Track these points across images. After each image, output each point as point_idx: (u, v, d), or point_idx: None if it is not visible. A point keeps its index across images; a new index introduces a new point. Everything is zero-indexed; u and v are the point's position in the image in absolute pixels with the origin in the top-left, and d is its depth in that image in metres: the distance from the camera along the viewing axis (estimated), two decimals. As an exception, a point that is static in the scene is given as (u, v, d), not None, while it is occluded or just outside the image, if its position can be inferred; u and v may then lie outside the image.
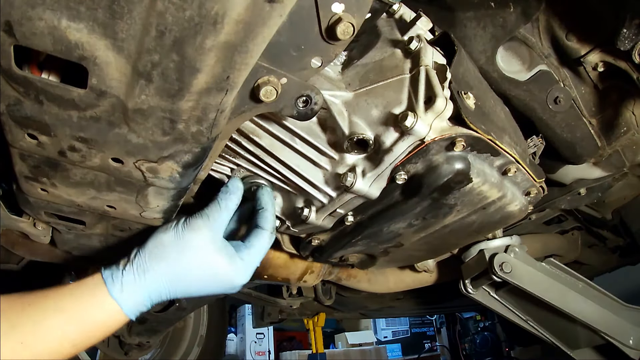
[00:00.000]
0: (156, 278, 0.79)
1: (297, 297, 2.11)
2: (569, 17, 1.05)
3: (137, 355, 2.23)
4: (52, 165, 0.75)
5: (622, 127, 1.23)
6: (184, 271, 0.80)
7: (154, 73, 0.57)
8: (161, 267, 0.79)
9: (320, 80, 0.84)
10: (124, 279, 0.78)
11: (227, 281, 0.83)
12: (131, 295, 0.77)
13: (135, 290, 0.77)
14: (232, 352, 5.19)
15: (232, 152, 0.94)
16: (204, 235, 0.81)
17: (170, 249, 0.80)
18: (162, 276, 0.79)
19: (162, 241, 0.82)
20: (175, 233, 0.82)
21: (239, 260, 0.83)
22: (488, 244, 1.43)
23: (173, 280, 0.80)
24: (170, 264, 0.80)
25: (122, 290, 0.76)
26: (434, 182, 0.80)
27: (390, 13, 0.94)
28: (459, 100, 0.76)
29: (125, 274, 0.78)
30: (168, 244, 0.81)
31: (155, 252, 0.81)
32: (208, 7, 0.51)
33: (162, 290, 0.80)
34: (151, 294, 0.79)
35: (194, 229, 0.82)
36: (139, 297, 0.78)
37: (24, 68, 0.60)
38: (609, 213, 1.63)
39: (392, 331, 6.24)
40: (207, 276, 0.82)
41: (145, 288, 0.78)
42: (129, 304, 0.77)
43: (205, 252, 0.81)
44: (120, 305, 0.76)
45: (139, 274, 0.78)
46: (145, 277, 0.78)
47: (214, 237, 0.82)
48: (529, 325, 1.61)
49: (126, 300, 0.77)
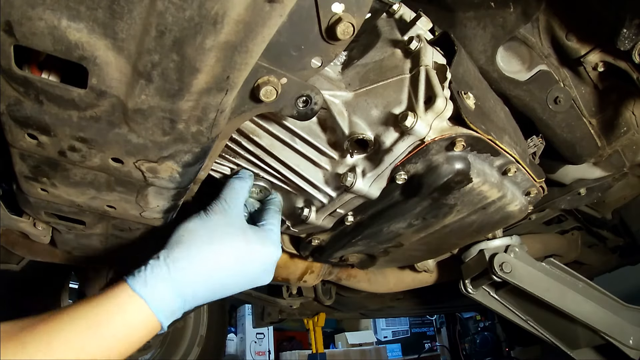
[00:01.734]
0: (188, 267, 0.69)
1: (297, 297, 2.11)
2: (569, 17, 1.05)
3: (137, 355, 2.22)
4: (52, 165, 0.75)
5: (622, 127, 1.23)
6: (222, 255, 0.73)
7: (154, 73, 0.57)
8: (192, 253, 0.71)
9: (320, 80, 0.84)
10: (148, 272, 0.67)
11: (264, 259, 0.77)
12: (158, 290, 0.66)
13: (163, 285, 0.67)
14: (232, 352, 5.19)
15: (232, 152, 0.94)
16: (231, 217, 0.79)
17: (201, 234, 0.74)
18: (196, 264, 0.70)
19: (187, 228, 0.75)
20: (200, 219, 0.77)
21: (267, 237, 0.80)
22: (488, 244, 1.43)
23: (210, 268, 0.71)
24: (203, 248, 0.72)
25: (145, 284, 0.66)
26: (434, 182, 0.80)
27: (390, 13, 0.94)
28: (459, 100, 0.76)
29: (150, 268, 0.68)
30: (195, 230, 0.75)
31: (182, 240, 0.73)
32: (208, 7, 0.51)
33: (196, 284, 0.70)
34: (182, 289, 0.68)
35: (218, 212, 0.79)
36: (167, 292, 0.67)
37: (24, 68, 0.60)
38: (609, 213, 1.64)
39: (392, 331, 6.24)
40: (245, 257, 0.75)
41: (174, 281, 0.68)
42: (157, 301, 0.66)
43: (237, 232, 0.76)
44: (146, 300, 0.65)
45: (167, 265, 0.69)
46: (175, 268, 0.68)
47: (240, 218, 0.80)
48: (529, 325, 1.61)
49: (153, 295, 0.65)
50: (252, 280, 0.79)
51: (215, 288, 0.74)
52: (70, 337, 0.60)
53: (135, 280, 0.67)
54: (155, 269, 0.69)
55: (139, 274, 0.68)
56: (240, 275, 0.76)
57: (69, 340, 0.60)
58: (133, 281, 0.67)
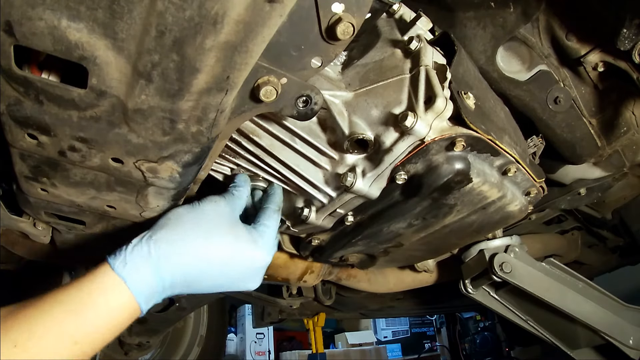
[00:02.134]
0: (170, 251, 0.67)
1: (297, 297, 2.11)
2: (569, 17, 1.05)
3: (137, 355, 2.23)
4: (52, 165, 0.75)
5: (622, 127, 1.23)
6: (205, 245, 0.70)
7: (154, 73, 0.57)
8: (175, 237, 0.69)
9: (320, 80, 0.84)
10: (127, 252, 0.66)
11: (251, 260, 0.74)
12: (139, 271, 0.65)
13: (144, 265, 0.65)
14: (232, 352, 5.18)
15: (232, 152, 0.94)
16: (221, 210, 0.76)
17: (188, 220, 0.72)
18: (178, 249, 0.68)
19: (176, 212, 0.74)
20: (191, 206, 0.76)
21: (259, 237, 0.77)
22: (488, 244, 1.43)
23: (191, 256, 0.69)
24: (188, 234, 0.70)
25: (125, 263, 0.65)
26: (434, 182, 0.80)
27: (390, 13, 0.94)
28: (459, 100, 0.76)
29: (130, 247, 0.67)
30: (184, 214, 0.73)
31: (168, 223, 0.72)
32: (208, 7, 0.51)
33: (177, 270, 0.68)
34: (163, 273, 0.66)
35: (213, 201, 0.77)
36: (147, 274, 0.66)
37: (24, 68, 0.60)
38: (609, 213, 1.63)
39: (392, 331, 6.24)
40: (230, 253, 0.72)
41: (154, 263, 0.66)
42: (136, 282, 0.64)
43: (226, 225, 0.73)
44: (126, 280, 0.64)
45: (148, 245, 0.67)
46: (156, 249, 0.67)
47: (233, 214, 0.78)
48: (529, 325, 1.61)
49: (132, 275, 0.64)
50: (235, 281, 0.76)
51: (194, 279, 0.71)
52: (52, 322, 0.60)
53: (115, 259, 0.66)
54: (135, 248, 0.67)
55: (120, 253, 0.67)
56: (223, 273, 0.73)
57: (51, 325, 0.60)
58: (113, 260, 0.66)
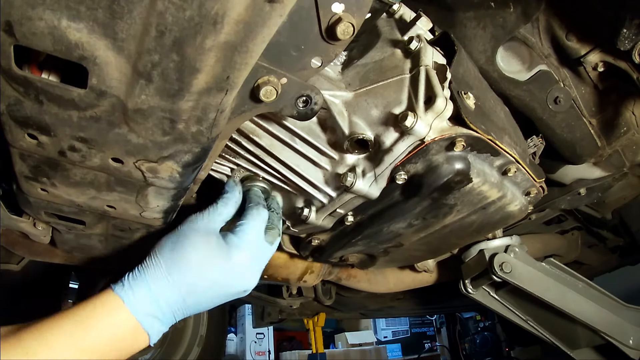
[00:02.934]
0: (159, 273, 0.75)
1: (297, 297, 2.11)
2: (569, 17, 1.05)
3: (137, 355, 2.22)
4: (52, 165, 0.75)
5: (622, 127, 1.23)
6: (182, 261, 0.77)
7: (154, 73, 0.57)
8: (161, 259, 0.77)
9: (320, 80, 0.84)
10: (129, 277, 0.75)
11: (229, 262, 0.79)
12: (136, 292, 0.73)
13: (139, 287, 0.74)
14: (232, 352, 5.19)
15: (232, 152, 0.94)
16: (197, 225, 0.81)
17: (166, 241, 0.80)
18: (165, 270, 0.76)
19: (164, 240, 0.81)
20: (176, 230, 0.82)
21: (234, 237, 0.81)
22: (488, 244, 1.43)
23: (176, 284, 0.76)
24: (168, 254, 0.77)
25: (122, 285, 0.74)
26: (434, 182, 0.80)
27: (390, 13, 0.94)
28: (459, 100, 0.76)
29: (131, 274, 0.76)
30: (166, 240, 0.81)
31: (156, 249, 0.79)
32: (208, 7, 0.51)
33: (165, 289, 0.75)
34: (155, 293, 0.74)
35: (189, 220, 0.83)
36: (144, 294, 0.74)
37: (24, 68, 0.60)
38: (609, 213, 1.64)
39: (392, 331, 6.24)
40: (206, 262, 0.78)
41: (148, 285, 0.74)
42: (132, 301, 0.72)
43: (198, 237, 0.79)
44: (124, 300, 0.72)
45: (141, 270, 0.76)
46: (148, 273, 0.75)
47: (207, 227, 0.82)
48: (529, 325, 1.61)
49: (130, 296, 0.72)
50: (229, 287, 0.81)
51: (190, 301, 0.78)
52: (60, 331, 0.65)
53: (118, 284, 0.75)
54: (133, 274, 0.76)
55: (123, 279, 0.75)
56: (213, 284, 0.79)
57: (59, 334, 0.64)
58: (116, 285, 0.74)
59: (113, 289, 0.74)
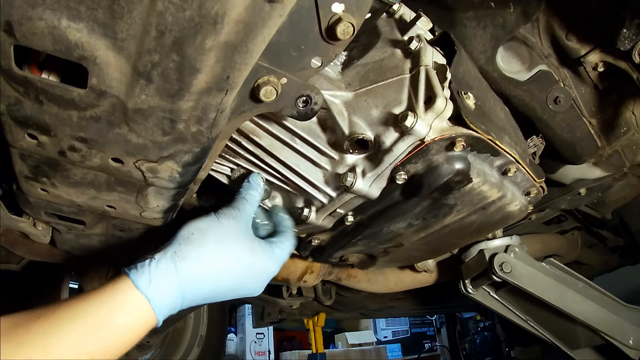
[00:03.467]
0: (197, 268, 0.69)
1: (297, 297, 2.11)
2: (569, 17, 1.05)
3: (137, 355, 2.22)
4: (52, 165, 0.75)
5: (622, 127, 1.23)
6: (226, 260, 0.73)
7: (154, 73, 0.57)
8: (202, 254, 0.70)
9: (320, 80, 0.84)
10: (152, 268, 0.66)
11: (264, 274, 0.80)
12: (163, 289, 0.65)
13: (168, 283, 0.66)
14: (232, 352, 5.18)
15: (232, 152, 0.94)
16: (241, 226, 0.79)
17: (211, 235, 0.74)
18: (205, 266, 0.70)
19: (199, 227, 0.74)
20: (212, 220, 0.77)
21: (272, 252, 0.82)
22: (488, 244, 1.43)
23: (217, 272, 0.71)
24: (213, 250, 0.72)
25: (149, 281, 0.65)
26: (434, 182, 0.80)
27: (390, 13, 0.94)
28: (459, 100, 0.76)
29: (155, 263, 0.66)
30: (207, 231, 0.74)
31: (192, 238, 0.72)
32: (208, 7, 0.51)
33: (201, 286, 0.70)
34: (187, 289, 0.67)
35: (231, 217, 0.79)
36: (171, 291, 0.66)
37: (24, 68, 0.60)
38: (609, 213, 1.64)
39: (392, 331, 6.24)
40: (250, 267, 0.77)
41: (180, 280, 0.67)
42: (158, 299, 0.64)
43: (246, 241, 0.78)
44: (150, 300, 0.64)
45: (174, 262, 0.67)
46: (182, 266, 0.67)
47: (248, 229, 0.81)
48: (529, 325, 1.61)
49: (156, 295, 0.64)
50: (249, 290, 0.80)
51: (215, 291, 0.74)
52: (70, 338, 0.58)
53: (139, 275, 0.65)
54: (160, 264, 0.67)
55: (142, 269, 0.66)
56: (241, 284, 0.77)
57: (68, 340, 0.58)
58: (136, 276, 0.65)
59: (135, 283, 0.65)
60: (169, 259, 0.68)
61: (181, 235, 0.73)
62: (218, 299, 0.76)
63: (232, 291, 0.77)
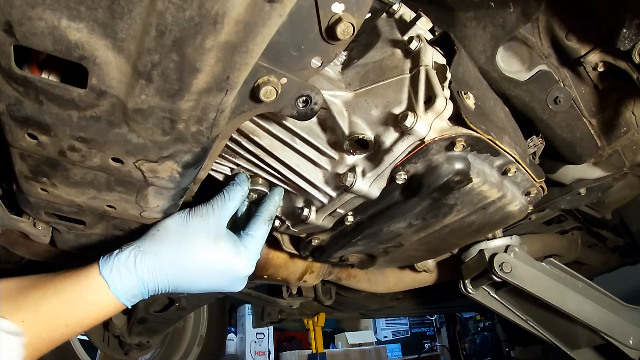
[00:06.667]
0: (154, 262, 0.76)
1: (297, 297, 2.11)
2: (569, 17, 1.05)
3: (137, 355, 2.23)
4: (52, 165, 0.75)
5: (622, 127, 1.23)
6: (187, 258, 0.77)
7: (154, 73, 0.57)
8: (160, 249, 0.76)
9: (320, 80, 0.84)
10: (116, 258, 0.75)
11: (232, 270, 0.81)
12: (122, 277, 0.74)
13: (127, 272, 0.75)
14: (232, 352, 5.18)
15: (232, 152, 0.94)
16: (208, 223, 0.81)
17: (173, 233, 0.78)
18: (161, 261, 0.76)
19: (165, 225, 0.80)
20: (180, 218, 0.81)
21: (243, 248, 0.82)
22: (488, 244, 1.43)
23: (174, 267, 0.77)
24: (171, 247, 0.77)
25: (111, 269, 0.74)
26: (434, 182, 0.80)
27: (390, 13, 0.94)
28: (459, 100, 0.76)
29: (119, 254, 0.76)
30: (171, 228, 0.79)
31: (156, 235, 0.79)
32: (208, 7, 0.51)
33: (160, 278, 0.76)
34: (146, 279, 0.76)
35: (199, 215, 0.82)
36: (130, 280, 0.75)
37: (24, 68, 0.60)
38: (609, 213, 1.64)
39: (392, 331, 6.24)
40: (211, 264, 0.79)
41: (138, 271, 0.75)
42: (118, 286, 0.74)
43: (210, 238, 0.79)
44: (109, 284, 0.74)
45: (134, 255, 0.76)
46: (141, 260, 0.75)
47: (219, 225, 0.82)
48: (529, 325, 1.61)
49: (115, 280, 0.74)
50: (218, 287, 0.83)
51: (175, 285, 0.80)
52: (52, 309, 0.72)
53: (105, 263, 0.76)
54: (122, 256, 0.76)
55: (110, 258, 0.76)
56: (206, 281, 0.81)
57: (50, 311, 0.72)
58: (103, 263, 0.76)
59: (100, 269, 0.75)
60: (130, 252, 0.77)
61: (149, 231, 0.81)
62: (185, 291, 0.82)
63: (196, 286, 0.81)
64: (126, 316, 1.99)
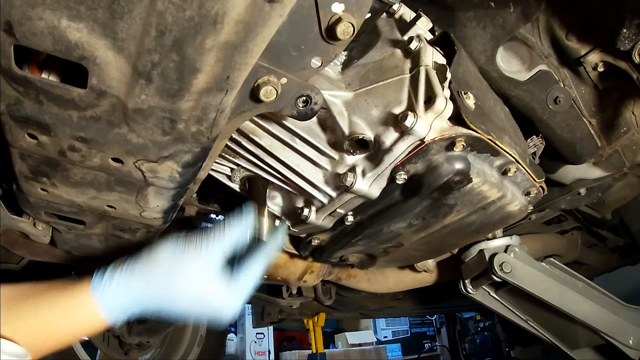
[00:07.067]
0: (142, 290, 0.77)
1: (297, 297, 2.11)
2: (569, 17, 1.05)
3: (137, 355, 2.23)
4: (52, 165, 0.75)
5: (622, 127, 1.23)
6: (175, 290, 0.78)
7: (154, 73, 0.57)
8: (151, 278, 0.78)
9: (320, 80, 0.84)
10: (108, 278, 0.77)
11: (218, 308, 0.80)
12: (112, 299, 0.76)
13: (116, 294, 0.76)
14: (232, 352, 5.19)
15: (232, 152, 0.94)
16: (201, 255, 0.79)
17: (164, 262, 0.78)
18: (150, 289, 0.77)
19: (157, 251, 0.79)
20: (173, 251, 0.79)
21: (233, 289, 0.80)
22: (488, 244, 1.43)
23: (161, 297, 0.78)
24: (162, 276, 0.78)
25: (103, 291, 0.76)
26: (434, 182, 0.80)
27: (390, 13, 0.94)
28: (459, 100, 0.76)
29: (111, 274, 0.77)
30: (162, 256, 0.79)
31: (147, 263, 0.79)
32: (208, 7, 0.51)
33: (147, 304, 0.78)
34: (133, 303, 0.77)
35: (193, 244, 0.79)
36: (119, 302, 0.76)
37: (24, 68, 0.60)
38: (609, 213, 1.63)
39: (392, 331, 6.24)
40: (198, 301, 0.80)
41: (127, 295, 0.77)
42: (107, 309, 0.76)
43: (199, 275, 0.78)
44: (99, 305, 0.75)
45: (124, 279, 0.77)
46: (131, 286, 0.77)
47: (211, 259, 0.79)
48: (529, 325, 1.61)
49: (105, 303, 0.75)
50: (203, 317, 0.83)
51: (163, 310, 0.80)
52: (44, 320, 0.74)
53: (98, 281, 0.77)
54: (115, 277, 0.77)
55: (103, 276, 0.77)
56: (190, 311, 0.81)
57: (43, 323, 0.74)
58: (96, 281, 0.77)
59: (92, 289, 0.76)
60: (122, 273, 0.77)
61: (146, 253, 0.80)
62: (172, 317, 0.82)
63: (182, 314, 0.81)
64: (126, 316, 1.99)
